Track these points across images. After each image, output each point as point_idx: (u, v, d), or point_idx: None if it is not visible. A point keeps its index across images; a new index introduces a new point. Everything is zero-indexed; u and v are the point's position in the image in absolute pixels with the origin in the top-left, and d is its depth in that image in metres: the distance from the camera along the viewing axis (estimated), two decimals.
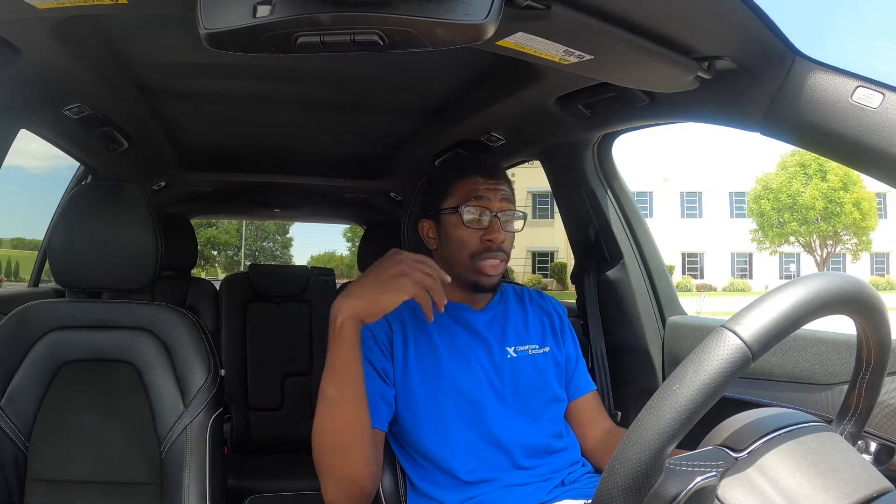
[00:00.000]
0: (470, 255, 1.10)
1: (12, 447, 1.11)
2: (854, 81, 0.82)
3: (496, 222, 1.10)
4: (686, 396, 0.49)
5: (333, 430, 0.91)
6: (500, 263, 1.11)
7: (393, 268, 0.90)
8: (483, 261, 1.10)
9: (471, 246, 1.10)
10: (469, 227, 1.10)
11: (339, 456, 0.91)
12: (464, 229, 1.10)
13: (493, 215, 1.10)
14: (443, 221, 1.13)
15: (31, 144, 8.83)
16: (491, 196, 1.11)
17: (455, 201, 1.11)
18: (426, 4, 0.65)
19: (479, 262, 1.10)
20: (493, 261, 1.10)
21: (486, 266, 1.10)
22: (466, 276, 1.12)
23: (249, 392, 2.45)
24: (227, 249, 32.15)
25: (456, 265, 1.11)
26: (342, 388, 0.91)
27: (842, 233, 26.46)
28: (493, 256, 1.10)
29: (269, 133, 1.99)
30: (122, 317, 1.20)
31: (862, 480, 0.55)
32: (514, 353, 1.14)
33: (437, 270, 0.92)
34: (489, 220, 1.10)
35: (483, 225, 1.10)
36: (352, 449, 0.91)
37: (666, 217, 28.96)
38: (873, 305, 0.59)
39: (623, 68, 0.96)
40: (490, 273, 1.10)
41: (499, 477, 1.06)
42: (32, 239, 10.29)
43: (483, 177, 1.12)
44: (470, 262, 1.10)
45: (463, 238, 1.10)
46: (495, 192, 1.11)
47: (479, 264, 1.10)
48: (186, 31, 1.15)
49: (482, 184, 1.11)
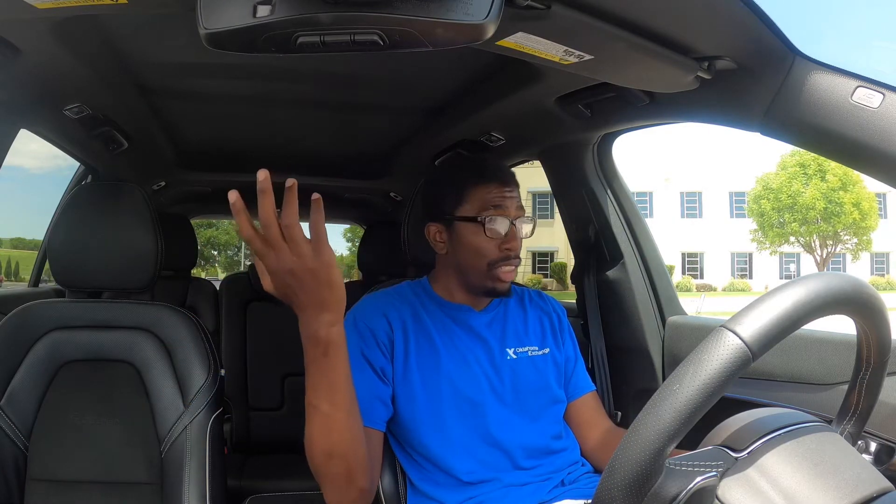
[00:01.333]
0: (488, 264, 1.10)
1: (12, 447, 1.11)
2: (854, 81, 0.82)
3: (513, 230, 1.10)
4: (686, 396, 0.49)
5: (327, 439, 0.89)
6: (515, 269, 1.12)
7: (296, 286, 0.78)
8: (500, 268, 1.10)
9: (489, 255, 1.10)
10: (490, 237, 1.10)
11: (335, 462, 0.90)
12: (483, 239, 1.10)
13: (510, 223, 1.10)
14: (457, 228, 1.12)
15: (31, 144, 8.83)
16: (508, 204, 1.11)
17: (473, 209, 1.11)
18: (426, 4, 0.65)
19: (496, 269, 1.10)
20: (510, 268, 1.11)
21: (503, 273, 1.10)
22: (483, 283, 1.12)
23: (249, 392, 2.45)
24: (227, 249, 32.14)
25: (471, 272, 1.12)
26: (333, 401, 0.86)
27: (842, 233, 26.47)
28: (509, 264, 1.10)
29: (269, 133, 1.99)
30: (122, 317, 1.20)
31: (862, 480, 0.55)
32: (514, 354, 1.14)
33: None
34: (507, 230, 1.10)
35: (502, 234, 1.10)
36: (347, 454, 0.89)
37: (666, 217, 28.96)
38: (873, 305, 0.59)
39: (623, 68, 0.96)
40: (507, 280, 1.11)
41: (498, 477, 1.06)
42: (32, 239, 10.31)
43: (501, 185, 1.12)
44: (487, 270, 1.10)
45: (481, 247, 1.10)
46: (512, 200, 1.11)
47: (496, 272, 1.10)
48: (186, 31, 1.15)
49: (501, 192, 1.11)
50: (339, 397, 0.86)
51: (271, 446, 2.39)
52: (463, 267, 1.13)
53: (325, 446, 0.89)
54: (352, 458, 0.90)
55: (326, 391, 0.85)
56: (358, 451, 0.91)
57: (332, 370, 0.83)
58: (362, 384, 1.01)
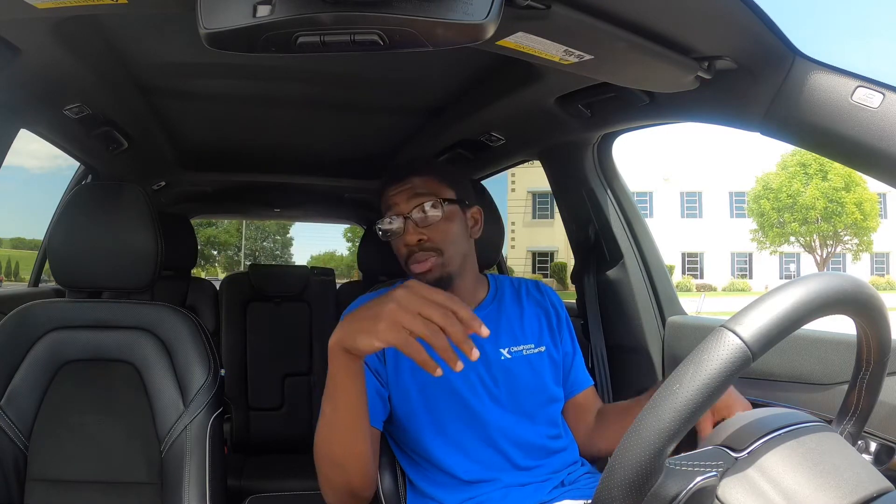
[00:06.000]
0: (405, 263, 1.12)
1: (12, 447, 1.11)
2: (854, 81, 0.82)
3: (409, 224, 1.10)
4: (686, 396, 0.49)
5: (329, 444, 0.90)
6: (428, 261, 1.09)
7: (375, 307, 0.77)
8: (410, 265, 1.11)
9: (401, 254, 1.12)
10: (390, 238, 1.11)
11: (336, 469, 0.91)
12: (390, 241, 1.12)
13: (404, 219, 1.10)
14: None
15: (31, 144, 8.82)
16: (399, 200, 1.11)
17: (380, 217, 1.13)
18: (426, 4, 0.65)
19: (409, 266, 1.11)
20: (418, 262, 1.10)
21: (414, 269, 1.10)
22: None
23: (249, 392, 2.45)
24: (227, 249, 32.15)
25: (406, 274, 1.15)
26: (335, 408, 0.87)
27: (842, 233, 26.46)
28: (416, 259, 1.10)
29: (270, 133, 1.99)
30: (123, 317, 1.20)
31: (862, 480, 0.55)
32: (509, 353, 1.13)
33: (460, 309, 0.74)
34: (403, 226, 1.10)
35: (398, 233, 1.11)
36: (346, 465, 0.90)
37: (666, 217, 28.96)
38: (873, 305, 0.59)
39: (623, 68, 0.96)
40: (418, 271, 1.09)
41: (498, 477, 1.06)
42: (32, 239, 10.31)
43: (389, 185, 1.12)
44: (407, 268, 1.12)
45: (395, 249, 1.13)
46: (402, 194, 1.11)
47: (410, 268, 1.11)
48: (186, 31, 1.15)
49: (390, 192, 1.12)
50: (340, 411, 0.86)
51: (271, 446, 2.39)
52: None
53: (327, 451, 0.90)
54: (352, 470, 0.90)
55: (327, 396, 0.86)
56: (358, 465, 0.91)
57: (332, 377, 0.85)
58: None
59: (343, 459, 0.89)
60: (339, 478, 0.91)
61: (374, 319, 0.75)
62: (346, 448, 0.89)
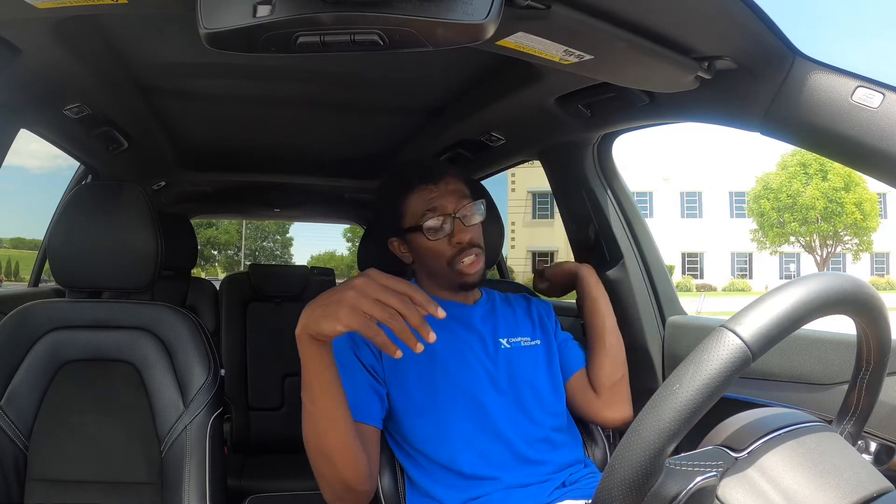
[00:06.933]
0: (447, 262, 1.13)
1: (12, 447, 1.11)
2: (854, 81, 0.82)
3: (458, 223, 1.12)
4: (686, 396, 0.49)
5: (315, 436, 0.90)
6: (476, 259, 1.14)
7: (336, 294, 0.78)
8: (460, 262, 1.13)
9: (445, 254, 1.13)
10: (436, 237, 1.12)
11: (325, 461, 0.91)
12: (432, 242, 1.12)
13: (452, 218, 1.12)
14: (410, 239, 1.16)
15: (31, 144, 8.81)
16: (442, 201, 1.12)
17: (413, 219, 1.13)
18: (426, 4, 0.65)
19: (457, 265, 1.13)
20: (469, 258, 1.13)
21: (464, 266, 1.13)
22: (452, 279, 1.16)
23: (249, 392, 2.45)
24: (227, 249, 32.15)
25: (438, 273, 1.16)
26: (313, 399, 0.87)
27: (842, 233, 26.46)
28: (467, 255, 1.13)
29: (270, 133, 1.99)
30: (123, 317, 1.20)
31: (862, 480, 0.55)
32: (508, 344, 1.17)
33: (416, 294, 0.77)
34: (451, 225, 1.12)
35: (447, 232, 1.12)
36: (334, 455, 0.90)
37: (666, 217, 28.95)
38: (873, 305, 0.59)
39: (623, 68, 0.96)
40: (470, 271, 1.14)
41: (499, 476, 1.06)
42: (32, 239, 10.30)
43: (427, 185, 1.13)
44: (449, 269, 1.14)
45: (434, 249, 1.13)
46: (450, 195, 1.13)
47: (457, 267, 1.13)
48: (186, 31, 1.15)
49: (430, 193, 1.12)
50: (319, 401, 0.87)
51: (271, 446, 2.39)
52: (431, 270, 1.17)
53: (314, 444, 0.90)
54: (340, 461, 0.90)
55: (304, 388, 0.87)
56: (345, 456, 0.91)
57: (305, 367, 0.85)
58: (355, 382, 1.03)
59: (329, 450, 0.90)
60: (329, 471, 0.91)
61: (336, 305, 0.78)
62: (330, 439, 0.89)
